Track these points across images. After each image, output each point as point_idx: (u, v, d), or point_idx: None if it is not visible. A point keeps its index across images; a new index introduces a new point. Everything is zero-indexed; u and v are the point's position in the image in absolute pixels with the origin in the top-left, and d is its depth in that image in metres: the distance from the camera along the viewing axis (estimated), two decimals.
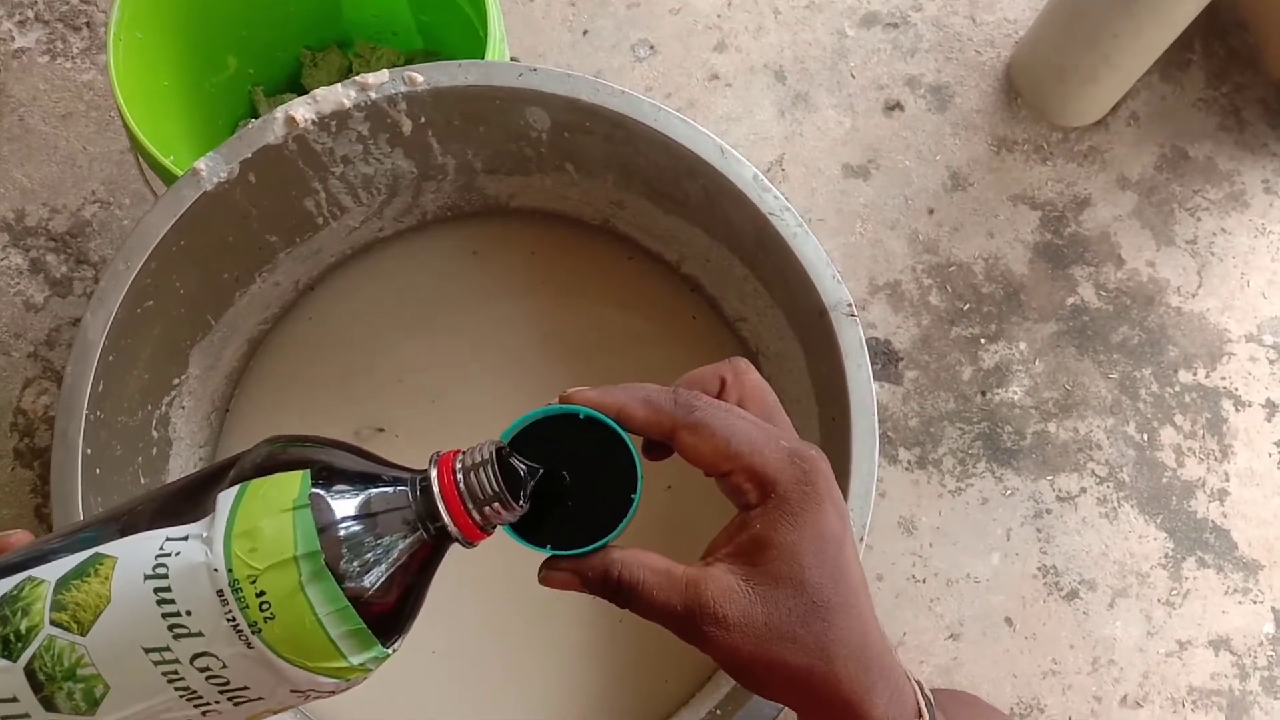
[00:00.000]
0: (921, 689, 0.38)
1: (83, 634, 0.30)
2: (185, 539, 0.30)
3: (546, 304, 0.69)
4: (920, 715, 0.37)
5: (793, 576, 0.35)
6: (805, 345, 0.57)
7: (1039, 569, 0.86)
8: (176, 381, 0.58)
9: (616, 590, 0.36)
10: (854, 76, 0.95)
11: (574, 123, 0.57)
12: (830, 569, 0.35)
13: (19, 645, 0.30)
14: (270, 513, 0.30)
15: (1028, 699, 0.84)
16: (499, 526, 0.35)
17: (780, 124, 0.92)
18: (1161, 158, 0.94)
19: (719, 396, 0.38)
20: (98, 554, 0.31)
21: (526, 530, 0.36)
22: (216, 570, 0.29)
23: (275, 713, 0.33)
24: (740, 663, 0.35)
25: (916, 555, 0.86)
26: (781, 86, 0.94)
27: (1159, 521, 0.88)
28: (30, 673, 0.30)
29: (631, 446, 0.36)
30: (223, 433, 0.65)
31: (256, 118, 0.82)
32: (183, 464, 0.60)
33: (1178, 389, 0.90)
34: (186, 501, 0.31)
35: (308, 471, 0.31)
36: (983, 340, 0.89)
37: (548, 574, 0.37)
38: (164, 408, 0.57)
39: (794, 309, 0.56)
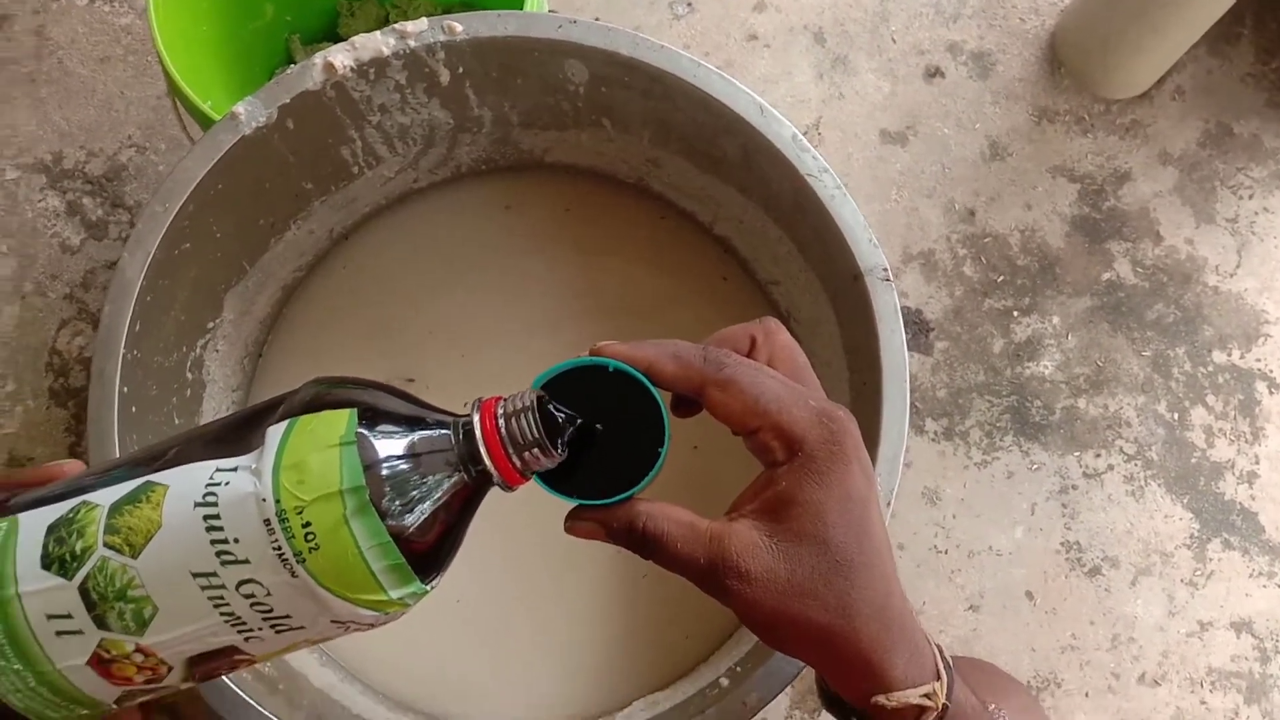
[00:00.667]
0: (941, 652, 0.39)
1: (134, 556, 0.31)
2: (235, 470, 0.31)
3: (578, 261, 0.69)
4: (939, 677, 0.38)
5: (816, 534, 0.35)
6: (838, 310, 0.56)
7: (1062, 544, 0.86)
8: (211, 325, 0.59)
9: (641, 541, 0.37)
10: (895, 41, 0.93)
11: (612, 77, 0.57)
12: (854, 528, 0.36)
13: (74, 565, 0.31)
14: (318, 447, 0.31)
15: (1045, 673, 0.84)
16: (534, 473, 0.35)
17: (818, 87, 0.91)
18: (1205, 133, 0.93)
19: (748, 355, 0.38)
20: (150, 481, 0.32)
21: (554, 480, 0.37)
22: (264, 500, 0.30)
23: (314, 643, 0.34)
24: (761, 618, 0.36)
25: (939, 526, 0.85)
26: (820, 49, 0.93)
27: (1186, 501, 0.87)
28: (84, 591, 0.31)
29: (660, 401, 0.36)
30: (255, 378, 0.66)
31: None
32: (216, 406, 0.60)
33: (1211, 369, 0.89)
34: (236, 435, 0.32)
35: (355, 410, 0.32)
36: (1015, 313, 0.89)
37: (573, 523, 0.38)
38: (198, 350, 0.58)
39: (828, 273, 0.56)
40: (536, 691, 0.62)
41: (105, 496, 0.32)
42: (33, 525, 0.32)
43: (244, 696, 0.47)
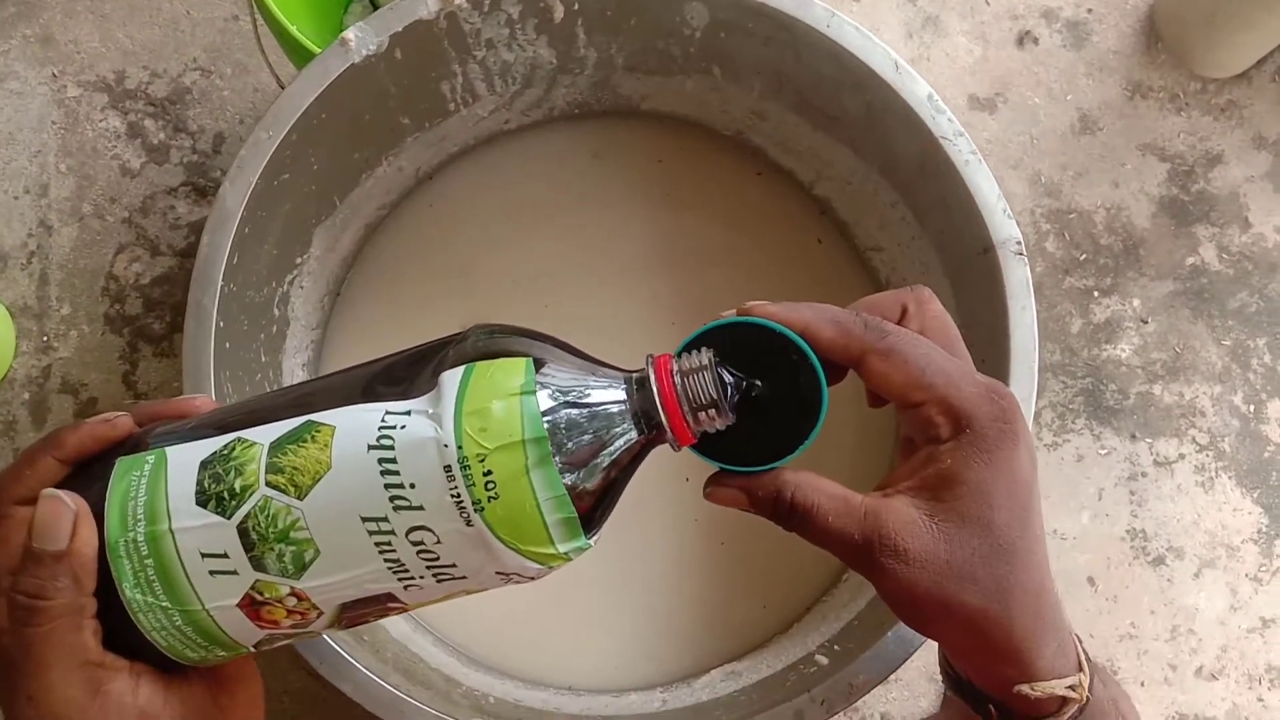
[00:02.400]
0: (1080, 644, 0.37)
1: (299, 498, 0.30)
2: (409, 413, 0.30)
3: (667, 214, 0.66)
4: (1080, 669, 0.36)
5: (981, 516, 0.34)
6: (956, 282, 0.54)
7: (1127, 531, 0.84)
8: (299, 260, 0.57)
9: (789, 513, 0.35)
10: (988, 3, 0.90)
11: (734, 22, 0.54)
12: (1019, 512, 0.34)
13: (233, 503, 0.30)
14: (499, 395, 0.30)
15: (1102, 660, 0.83)
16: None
17: (907, 46, 0.88)
18: None
19: (899, 324, 0.36)
20: (312, 421, 0.31)
21: (702, 443, 0.35)
22: (446, 446, 0.29)
23: (469, 593, 0.33)
24: (914, 598, 0.34)
25: None
26: (912, 7, 0.89)
27: (1256, 496, 0.85)
28: (243, 531, 0.30)
29: (818, 366, 0.34)
30: (333, 316, 0.64)
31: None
32: (297, 344, 0.59)
33: None
34: (400, 378, 0.31)
35: (530, 360, 0.31)
36: (1096, 293, 0.86)
37: (715, 489, 0.37)
38: (286, 286, 0.56)
39: (949, 242, 0.54)
40: (609, 654, 0.60)
41: (263, 435, 0.31)
42: (183, 460, 0.31)
43: (335, 647, 0.46)
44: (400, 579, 0.31)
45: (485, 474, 0.29)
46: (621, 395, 0.32)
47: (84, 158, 0.83)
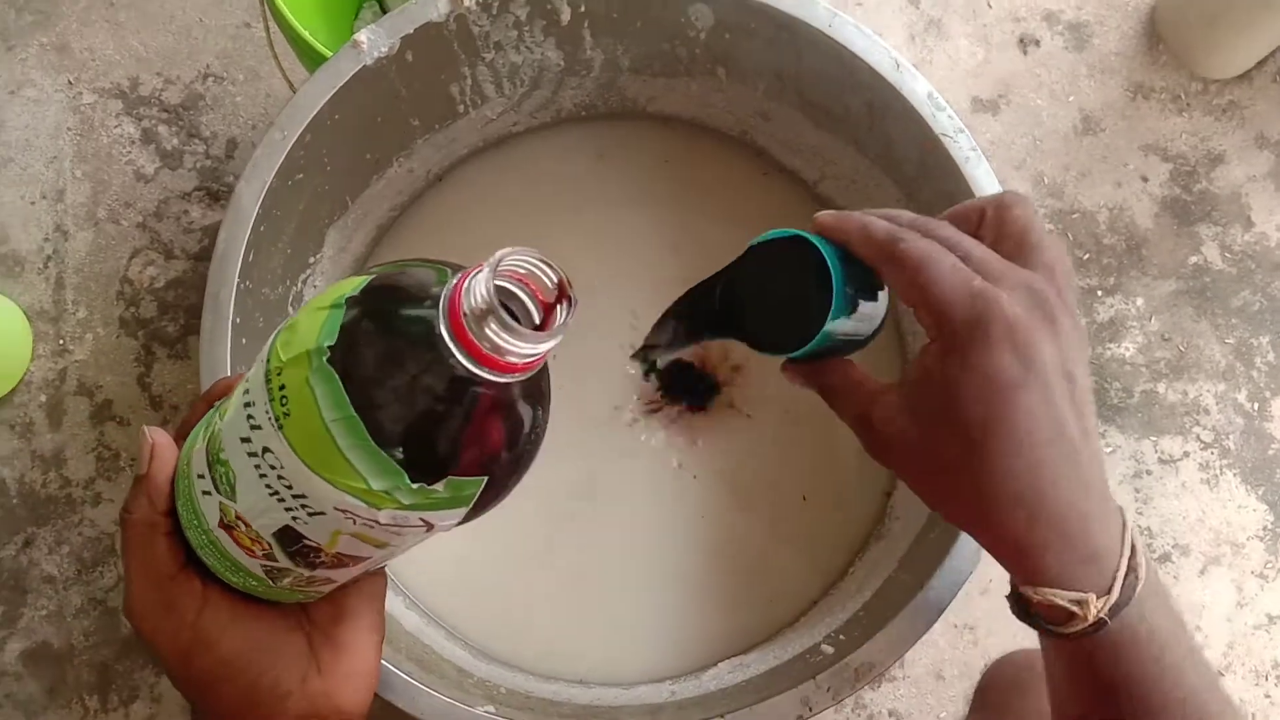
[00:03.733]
0: (1135, 570, 0.36)
1: (221, 419, 0.31)
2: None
3: (674, 215, 0.67)
4: (1109, 591, 0.35)
5: (946, 412, 0.35)
6: None
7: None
8: (312, 260, 0.57)
9: (825, 390, 0.40)
10: (990, 6, 0.91)
11: (738, 23, 0.55)
12: (992, 411, 0.34)
13: (207, 430, 0.33)
14: (313, 308, 0.28)
15: None
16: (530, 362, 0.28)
17: (910, 49, 0.89)
18: None
19: (974, 232, 0.38)
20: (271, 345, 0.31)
21: (742, 327, 0.39)
22: (263, 360, 0.29)
23: (348, 535, 0.30)
24: (912, 485, 0.38)
25: None
26: (914, 10, 0.90)
27: (1261, 493, 0.86)
28: (207, 453, 0.32)
29: (834, 270, 0.36)
30: None
31: (381, 4, 0.80)
32: None
33: None
34: None
35: (371, 277, 0.29)
36: (1100, 292, 0.87)
37: (786, 369, 0.41)
38: (299, 285, 0.57)
39: None
40: (618, 648, 0.61)
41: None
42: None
43: None
44: (287, 510, 0.29)
45: (280, 389, 0.28)
46: (434, 315, 0.27)
47: (99, 163, 0.84)
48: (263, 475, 0.29)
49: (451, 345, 0.27)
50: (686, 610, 0.62)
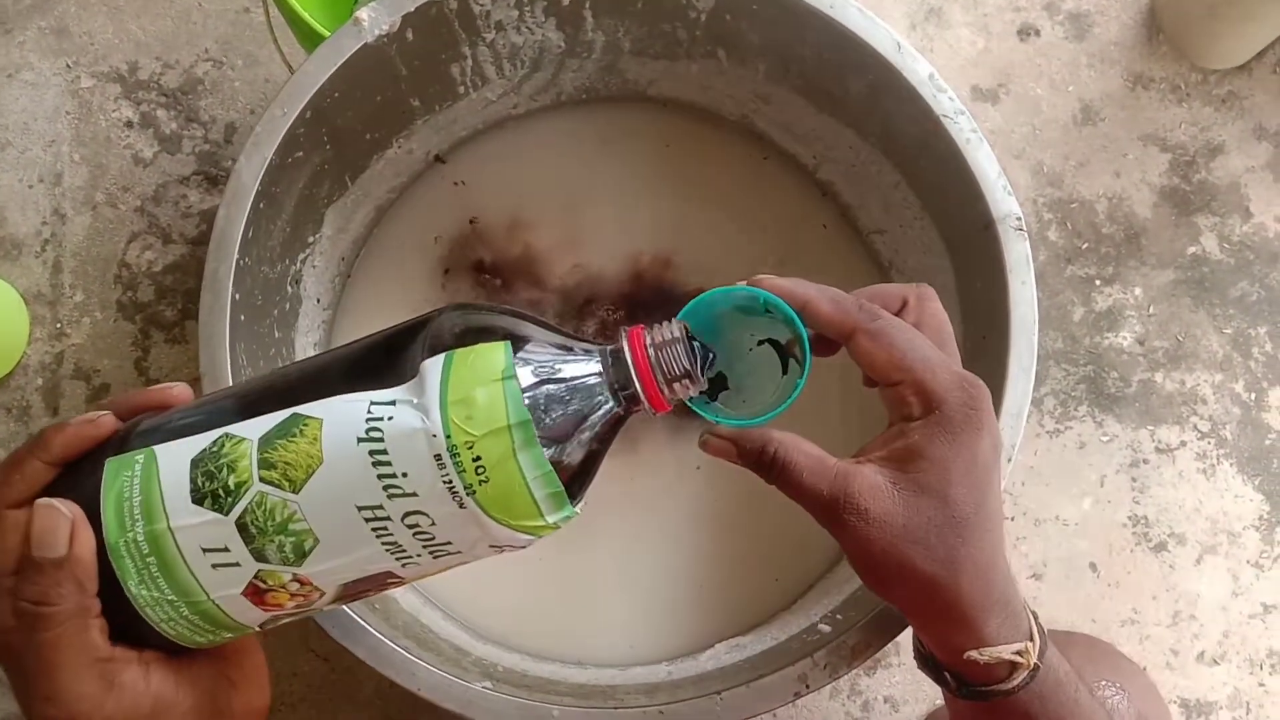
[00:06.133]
0: (1036, 619, 0.40)
1: (295, 491, 0.31)
2: (394, 404, 0.31)
3: (674, 200, 0.67)
4: (1031, 638, 0.39)
5: (938, 489, 0.37)
6: (957, 260, 0.55)
7: (1129, 518, 0.85)
8: (312, 239, 0.57)
9: (770, 465, 0.38)
10: None
11: (739, 4, 0.55)
12: (976, 491, 0.37)
13: (229, 500, 0.31)
14: (481, 382, 0.31)
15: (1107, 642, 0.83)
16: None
17: (910, 38, 0.89)
18: None
19: (898, 314, 0.40)
20: (298, 414, 0.32)
21: (698, 398, 0.39)
22: (435, 436, 0.30)
23: (465, 563, 0.34)
24: (870, 555, 0.38)
25: (1008, 493, 0.84)
26: None
27: (1257, 483, 0.86)
28: (242, 526, 0.31)
29: (804, 337, 0.37)
30: (343, 297, 0.65)
31: None
32: (309, 323, 0.59)
33: None
34: (380, 365, 0.32)
35: (508, 344, 0.32)
36: (1098, 282, 0.87)
37: (709, 439, 0.40)
38: (299, 264, 0.57)
39: (950, 221, 0.54)
40: (618, 631, 0.61)
41: (249, 430, 0.32)
42: (174, 458, 0.32)
43: (349, 612, 0.46)
44: (398, 558, 0.32)
45: (475, 460, 0.30)
46: (598, 369, 0.33)
47: (97, 147, 0.84)
48: (381, 534, 0.31)
49: (643, 399, 0.34)
50: (685, 592, 0.62)
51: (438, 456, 0.30)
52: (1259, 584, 0.84)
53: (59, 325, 0.82)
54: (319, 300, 0.60)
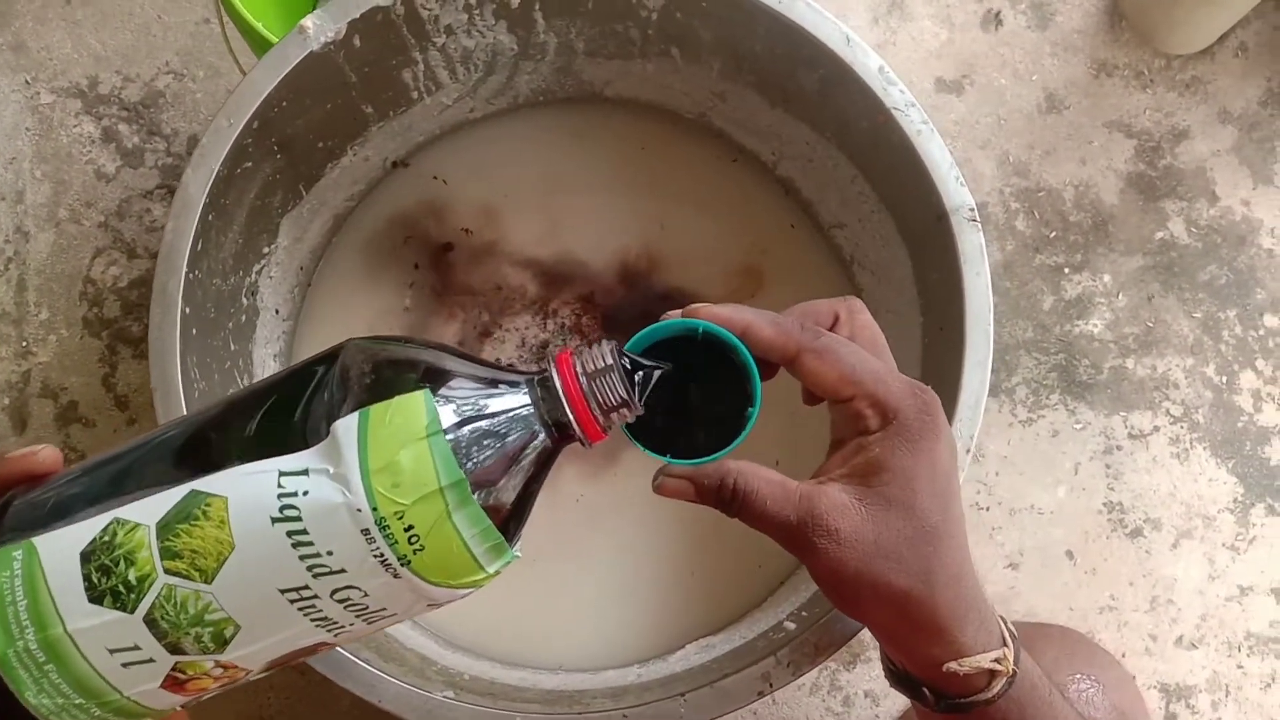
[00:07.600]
0: (1005, 622, 0.40)
1: (207, 581, 0.28)
2: (306, 473, 0.28)
3: (635, 201, 0.67)
4: (1006, 645, 0.39)
5: (905, 500, 0.36)
6: (914, 252, 0.55)
7: (1104, 505, 0.85)
8: (267, 250, 0.57)
9: (730, 499, 0.37)
10: None
11: (688, 2, 0.55)
12: (940, 498, 0.37)
13: (132, 596, 0.28)
14: (404, 443, 0.28)
15: (1082, 632, 0.83)
16: (618, 428, 0.35)
17: (873, 31, 0.89)
18: (1268, 92, 0.91)
19: (830, 329, 0.39)
20: (197, 492, 0.28)
21: (646, 438, 0.37)
22: (360, 510, 0.28)
23: (401, 621, 0.33)
24: (843, 576, 0.37)
25: (981, 483, 0.84)
26: None
27: (1231, 466, 0.86)
28: (151, 621, 0.28)
29: (752, 364, 0.36)
30: (303, 308, 0.64)
31: None
32: (268, 334, 0.59)
33: (1262, 333, 0.88)
34: (284, 426, 0.29)
35: (427, 391, 0.29)
36: (1067, 270, 0.87)
37: (663, 481, 0.39)
38: (254, 275, 0.57)
39: (906, 213, 0.54)
40: (588, 634, 0.61)
41: (142, 512, 0.29)
42: (58, 551, 0.29)
43: None
44: (330, 630, 0.30)
45: (407, 530, 0.28)
46: (526, 400, 0.31)
47: (59, 163, 0.83)
48: (310, 612, 0.29)
49: (579, 432, 0.32)
50: (656, 594, 0.62)
51: (365, 531, 0.28)
52: (1235, 567, 0.84)
53: (25, 344, 0.81)
54: (278, 311, 0.60)
